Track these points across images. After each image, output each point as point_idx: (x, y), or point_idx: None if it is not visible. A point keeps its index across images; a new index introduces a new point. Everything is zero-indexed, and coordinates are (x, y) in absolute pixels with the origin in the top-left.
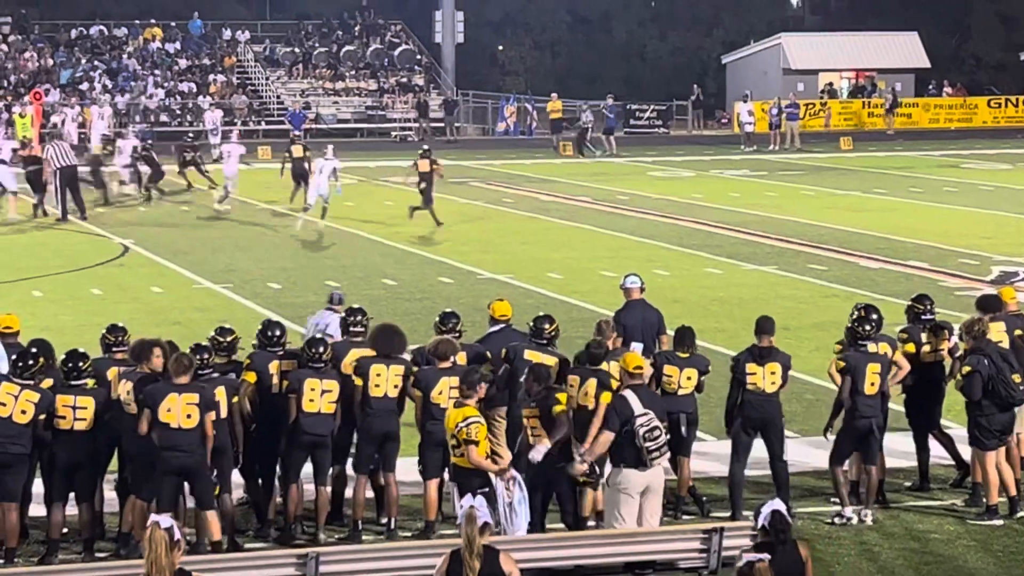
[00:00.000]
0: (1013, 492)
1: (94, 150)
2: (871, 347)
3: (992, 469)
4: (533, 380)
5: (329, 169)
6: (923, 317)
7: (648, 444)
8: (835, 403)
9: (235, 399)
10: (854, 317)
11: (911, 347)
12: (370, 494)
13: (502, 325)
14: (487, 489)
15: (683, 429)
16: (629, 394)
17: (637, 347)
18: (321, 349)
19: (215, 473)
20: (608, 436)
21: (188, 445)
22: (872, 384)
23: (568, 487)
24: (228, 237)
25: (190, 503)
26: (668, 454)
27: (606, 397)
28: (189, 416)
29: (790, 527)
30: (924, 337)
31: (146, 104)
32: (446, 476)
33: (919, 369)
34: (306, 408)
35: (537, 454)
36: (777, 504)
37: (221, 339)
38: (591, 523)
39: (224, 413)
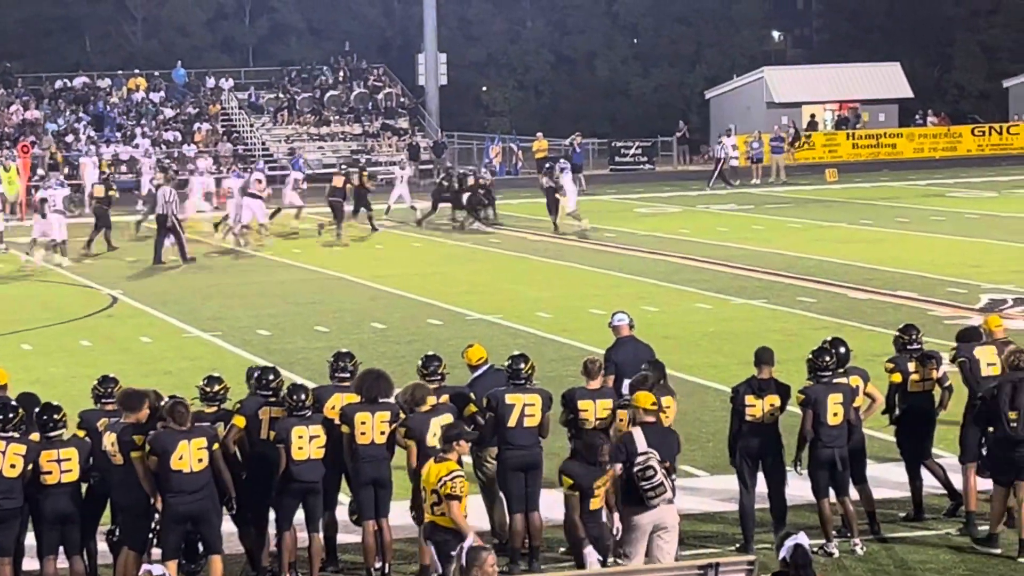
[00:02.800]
0: None
1: (95, 192)
2: (834, 378)
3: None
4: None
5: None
6: (909, 347)
7: (643, 484)
8: (799, 436)
9: (215, 446)
10: (814, 348)
11: (898, 377)
12: (356, 539)
13: (484, 367)
14: None
15: None
16: (636, 432)
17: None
18: (303, 396)
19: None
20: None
21: (200, 490)
22: (835, 415)
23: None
24: (216, 285)
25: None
26: (668, 493)
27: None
28: (201, 460)
29: (811, 562)
30: (912, 367)
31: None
32: None
33: (908, 399)
34: (296, 456)
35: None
36: (801, 538)
37: (208, 389)
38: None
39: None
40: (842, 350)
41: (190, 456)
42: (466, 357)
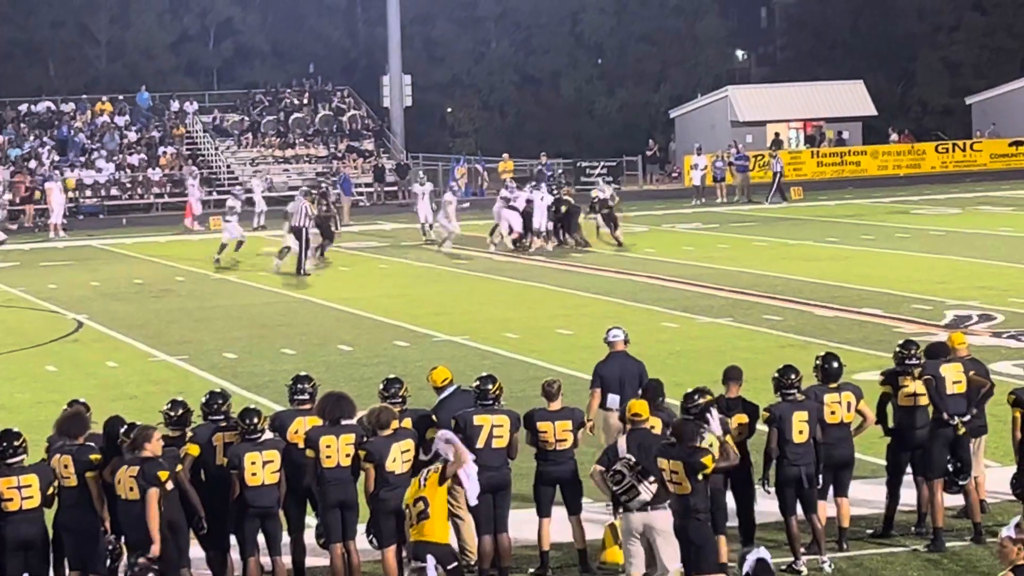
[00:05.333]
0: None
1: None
2: (798, 396)
3: None
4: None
5: (427, 192)
6: (907, 362)
7: (615, 488)
8: (765, 454)
9: (179, 468)
10: (780, 367)
11: (888, 389)
12: (324, 562)
13: (450, 389)
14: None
15: None
16: (621, 440)
17: (614, 399)
18: (255, 420)
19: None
20: (593, 469)
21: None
22: (800, 432)
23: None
24: (182, 309)
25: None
26: (642, 496)
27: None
28: (131, 489)
29: (773, 575)
30: (905, 382)
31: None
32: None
33: (898, 414)
34: (250, 482)
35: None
36: (762, 552)
37: (172, 413)
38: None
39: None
40: (834, 365)
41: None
42: (431, 379)
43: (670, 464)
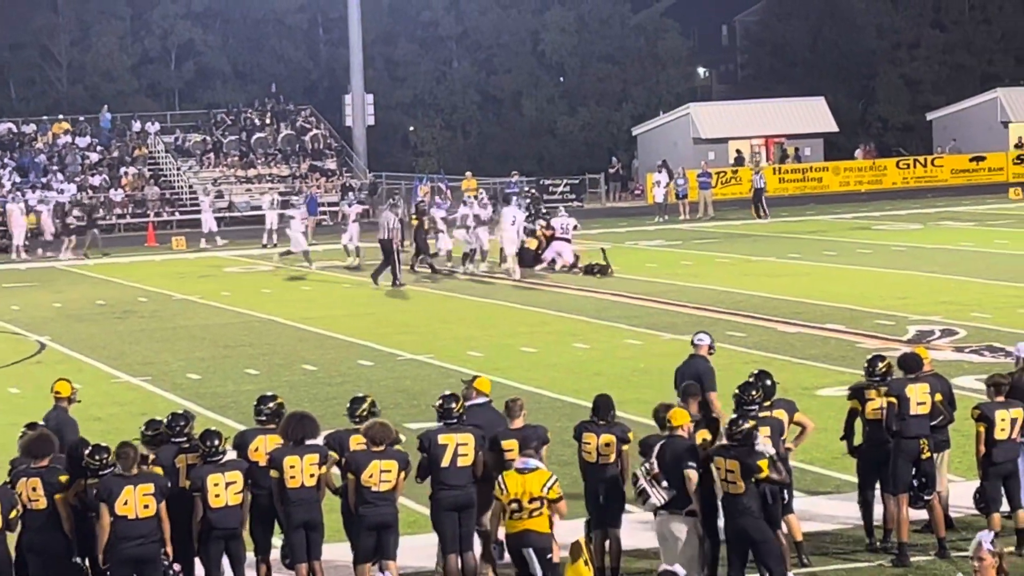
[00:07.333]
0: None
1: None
2: (762, 412)
3: None
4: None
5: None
6: (873, 378)
7: (635, 489)
8: None
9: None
10: (741, 383)
11: (855, 404)
12: None
13: (483, 399)
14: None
15: (601, 499)
16: (658, 445)
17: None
18: (216, 442)
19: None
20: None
21: (145, 535)
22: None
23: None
24: (144, 330)
25: None
26: (653, 500)
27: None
28: (147, 507)
29: None
30: (871, 395)
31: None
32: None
33: (867, 427)
34: (213, 504)
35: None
36: (676, 568)
37: (148, 432)
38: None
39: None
40: (768, 383)
41: (135, 502)
42: (476, 385)
43: (727, 463)
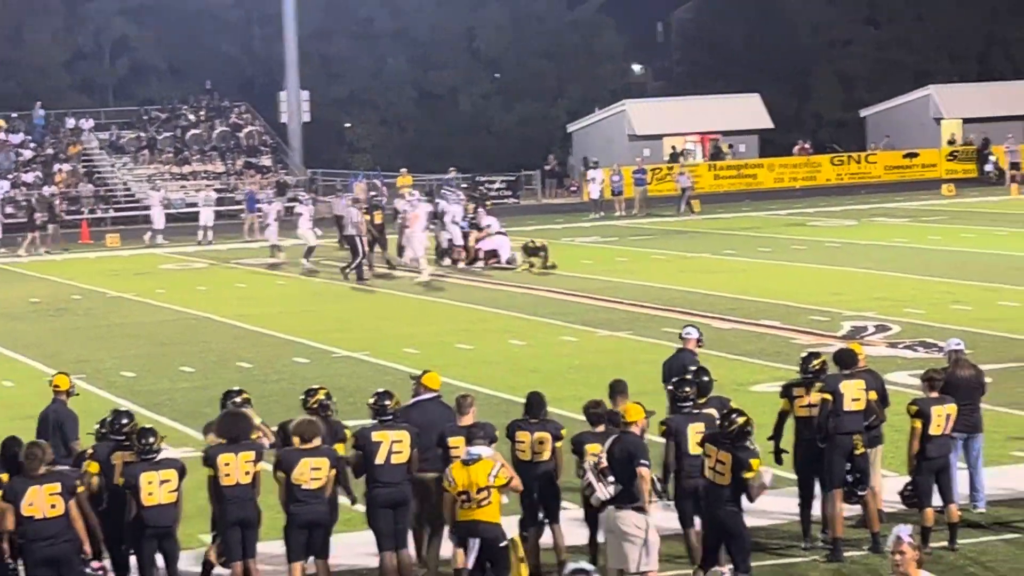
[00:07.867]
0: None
1: None
2: (695, 409)
3: None
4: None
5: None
6: (807, 373)
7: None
8: (663, 466)
9: (80, 489)
10: (675, 379)
11: (785, 404)
12: None
13: (432, 395)
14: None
15: (536, 496)
16: (609, 441)
17: None
18: (151, 440)
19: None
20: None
21: (57, 535)
22: (697, 444)
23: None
24: (79, 328)
25: None
26: (597, 494)
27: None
28: (54, 506)
29: None
30: (799, 392)
31: None
32: (310, 560)
33: (798, 425)
34: (146, 502)
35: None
36: (583, 564)
37: (102, 430)
38: None
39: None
40: (704, 379)
41: (42, 502)
42: (424, 381)
43: (718, 453)
